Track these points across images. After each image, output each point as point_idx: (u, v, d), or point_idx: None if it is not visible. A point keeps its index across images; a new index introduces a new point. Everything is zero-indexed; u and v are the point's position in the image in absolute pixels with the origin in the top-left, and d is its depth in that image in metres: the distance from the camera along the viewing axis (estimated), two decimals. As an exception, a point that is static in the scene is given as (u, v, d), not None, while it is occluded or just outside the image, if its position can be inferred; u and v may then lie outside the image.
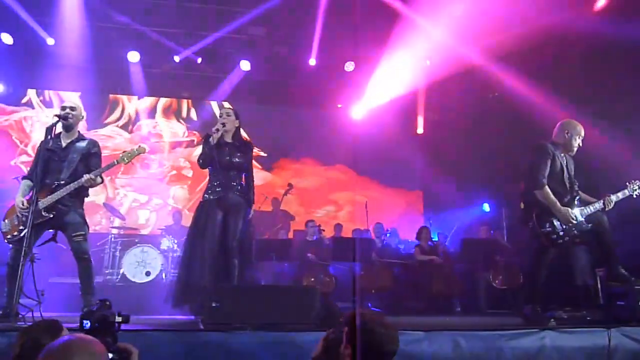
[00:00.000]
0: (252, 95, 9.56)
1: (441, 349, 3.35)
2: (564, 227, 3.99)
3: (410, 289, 7.04)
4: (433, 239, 7.65)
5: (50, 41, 8.13)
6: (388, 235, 8.10)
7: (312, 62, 8.80)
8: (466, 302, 6.94)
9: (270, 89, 9.54)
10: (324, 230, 7.49)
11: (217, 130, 4.31)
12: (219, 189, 4.31)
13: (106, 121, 9.46)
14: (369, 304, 6.87)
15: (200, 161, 4.38)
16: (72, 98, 4.48)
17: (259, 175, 9.25)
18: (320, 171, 9.99)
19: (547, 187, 4.01)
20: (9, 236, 4.05)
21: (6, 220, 4.12)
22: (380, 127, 9.39)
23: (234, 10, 8.03)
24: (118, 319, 1.84)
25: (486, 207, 8.81)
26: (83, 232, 4.09)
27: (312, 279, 6.79)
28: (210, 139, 4.32)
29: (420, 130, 10.01)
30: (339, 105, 10.19)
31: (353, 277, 6.75)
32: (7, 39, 8.02)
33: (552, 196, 4.00)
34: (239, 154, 4.39)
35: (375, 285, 6.81)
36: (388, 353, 1.79)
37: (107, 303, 1.92)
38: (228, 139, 4.46)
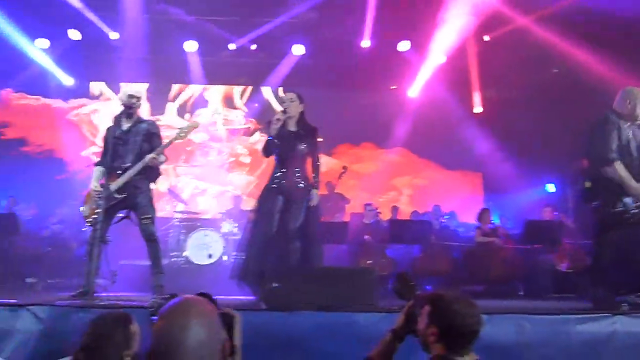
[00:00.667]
0: (306, 80, 9.58)
1: (504, 332, 3.28)
2: (638, 203, 3.74)
3: (470, 272, 6.90)
4: (494, 222, 7.44)
5: (113, 35, 8.53)
6: (446, 217, 7.96)
7: (366, 43, 8.68)
8: (529, 285, 6.71)
9: (324, 73, 9.52)
10: (380, 213, 7.47)
11: (278, 119, 4.29)
12: (283, 179, 4.34)
13: (166, 111, 9.84)
14: (427, 287, 6.81)
15: (264, 150, 4.42)
16: (136, 87, 4.69)
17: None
18: (379, 154, 9.86)
19: (618, 162, 3.76)
20: (89, 219, 4.34)
21: (85, 206, 4.41)
22: (437, 107, 9.19)
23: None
24: None
25: (550, 187, 8.44)
26: (150, 215, 4.31)
27: (370, 262, 6.79)
28: (271, 128, 4.32)
29: (478, 109, 9.68)
30: (393, 87, 10.02)
31: (411, 259, 6.70)
32: (75, 35, 8.49)
33: (624, 171, 3.74)
34: (303, 142, 4.34)
35: (433, 268, 6.73)
36: (472, 332, 1.81)
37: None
38: (292, 126, 4.41)
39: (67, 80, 9.34)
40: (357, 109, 9.76)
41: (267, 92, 9.98)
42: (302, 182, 4.35)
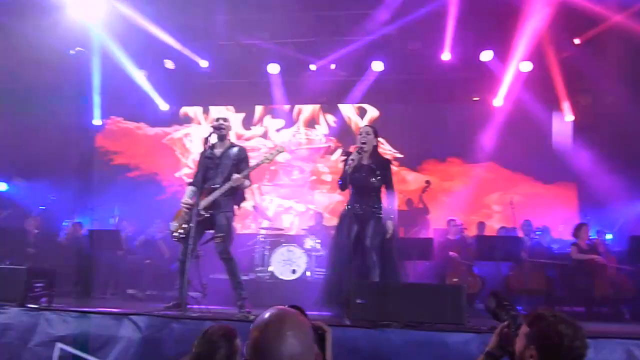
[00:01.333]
0: (387, 95, 9.61)
1: (611, 358, 3.00)
2: None
3: (567, 292, 6.40)
4: (591, 237, 6.87)
5: (203, 64, 9.16)
6: (538, 233, 7.48)
7: (446, 56, 8.52)
8: (636, 308, 6.09)
9: (404, 89, 9.47)
10: (466, 229, 7.19)
11: (359, 152, 4.46)
12: (358, 209, 4.49)
13: (251, 132, 10.28)
14: (519, 307, 6.41)
15: (340, 182, 4.57)
16: (225, 111, 4.95)
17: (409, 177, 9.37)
18: (466, 170, 9.53)
19: None
20: (175, 234, 4.59)
21: (174, 221, 4.69)
22: (525, 117, 8.76)
23: (363, 13, 8.13)
24: None
25: (659, 200, 7.66)
26: (223, 234, 4.47)
27: (456, 279, 6.55)
28: (349, 160, 4.44)
29: (569, 117, 9.09)
30: (476, 98, 9.72)
31: (501, 277, 6.35)
32: (170, 64, 9.20)
33: None
34: (376, 175, 4.50)
35: (525, 287, 6.32)
36: (578, 356, 1.68)
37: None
38: (365, 160, 4.57)
39: (163, 107, 10.08)
40: (440, 123, 9.57)
41: (346, 110, 10.10)
42: (377, 212, 4.47)
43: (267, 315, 1.41)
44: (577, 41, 8.16)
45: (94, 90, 9.56)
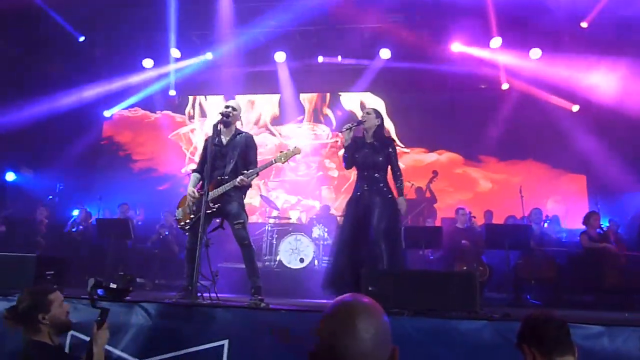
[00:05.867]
0: (391, 85, 9.54)
1: (626, 346, 2.97)
2: None
3: (577, 281, 6.35)
4: (603, 226, 6.80)
5: (209, 55, 9.23)
6: (548, 222, 7.43)
7: (456, 47, 8.47)
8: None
9: (409, 77, 9.40)
10: (474, 217, 7.15)
11: (349, 128, 4.50)
12: (365, 189, 4.48)
13: (259, 125, 10.25)
14: (528, 296, 6.39)
15: (345, 163, 4.62)
16: (236, 100, 4.90)
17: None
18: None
19: None
20: (182, 223, 4.55)
21: (179, 209, 4.64)
22: (534, 106, 8.68)
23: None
24: None
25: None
26: (242, 220, 4.41)
27: (465, 267, 6.53)
28: (344, 130, 4.50)
29: (575, 107, 9.01)
30: (483, 86, 9.64)
31: (508, 265, 6.32)
32: (176, 53, 9.17)
33: None
34: (379, 154, 4.49)
35: (535, 276, 6.29)
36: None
37: None
38: (368, 139, 4.58)
39: (171, 93, 10.07)
40: (447, 111, 9.50)
41: (351, 102, 10.02)
42: (383, 192, 4.43)
43: (338, 302, 1.27)
44: (584, 24, 8.02)
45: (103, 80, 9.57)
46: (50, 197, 8.74)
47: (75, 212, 8.28)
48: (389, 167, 4.56)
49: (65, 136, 9.54)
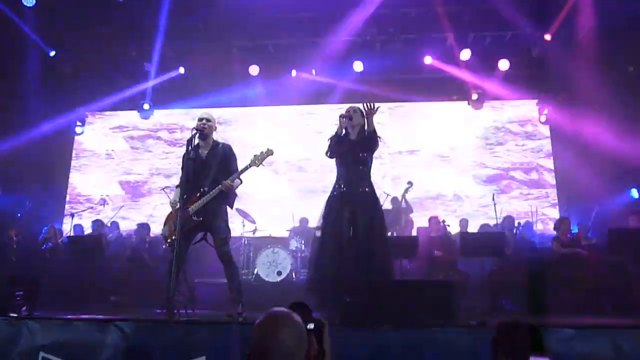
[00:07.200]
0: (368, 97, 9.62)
1: (598, 350, 3.05)
2: None
3: (550, 286, 6.48)
4: (572, 231, 6.99)
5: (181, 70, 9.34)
6: (519, 229, 7.59)
7: (428, 60, 8.71)
8: (617, 300, 6.20)
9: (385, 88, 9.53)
10: (449, 226, 7.25)
11: (343, 117, 4.45)
12: (345, 186, 4.37)
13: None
14: (503, 302, 6.48)
15: (328, 153, 4.49)
16: (208, 111, 4.84)
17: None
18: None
19: None
20: (169, 240, 4.49)
21: (165, 226, 4.59)
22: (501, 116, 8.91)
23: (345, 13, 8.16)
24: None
25: (635, 193, 7.85)
26: (224, 236, 4.40)
27: (441, 276, 6.60)
28: (343, 120, 4.46)
29: (542, 117, 9.31)
30: (456, 97, 9.84)
31: (485, 273, 6.41)
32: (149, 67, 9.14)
33: None
34: (362, 149, 4.41)
35: (510, 282, 6.40)
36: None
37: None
38: (353, 136, 4.51)
39: (145, 107, 9.96)
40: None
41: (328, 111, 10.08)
42: (367, 188, 4.36)
43: (266, 315, 1.63)
44: (547, 37, 8.30)
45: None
46: (18, 214, 8.49)
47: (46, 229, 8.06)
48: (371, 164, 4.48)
49: (35, 152, 9.29)
